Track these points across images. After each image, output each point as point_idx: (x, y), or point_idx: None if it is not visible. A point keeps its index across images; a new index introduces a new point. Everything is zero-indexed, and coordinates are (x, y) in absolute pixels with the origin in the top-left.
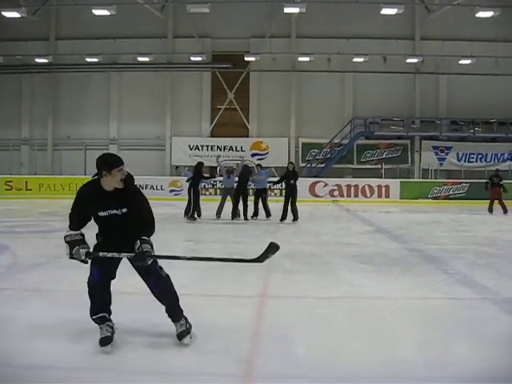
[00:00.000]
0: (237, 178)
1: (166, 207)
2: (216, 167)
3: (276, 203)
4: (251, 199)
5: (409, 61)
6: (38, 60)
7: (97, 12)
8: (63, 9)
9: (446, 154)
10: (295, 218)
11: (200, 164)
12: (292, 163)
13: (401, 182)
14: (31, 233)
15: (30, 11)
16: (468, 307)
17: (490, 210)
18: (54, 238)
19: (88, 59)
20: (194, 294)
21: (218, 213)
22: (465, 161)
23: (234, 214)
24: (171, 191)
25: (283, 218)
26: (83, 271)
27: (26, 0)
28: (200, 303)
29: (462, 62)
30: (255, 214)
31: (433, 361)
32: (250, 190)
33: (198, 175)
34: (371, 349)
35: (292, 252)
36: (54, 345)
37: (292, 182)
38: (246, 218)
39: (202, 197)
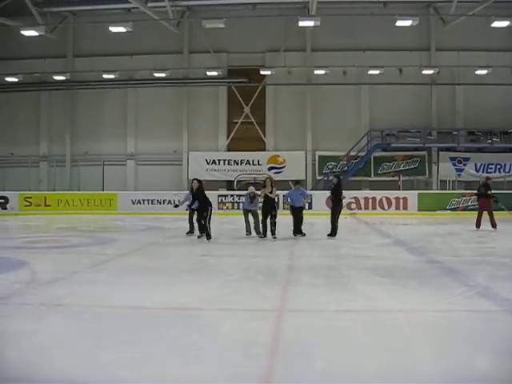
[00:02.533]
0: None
1: (183, 222)
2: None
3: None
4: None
5: (424, 72)
6: (56, 77)
7: (113, 29)
8: (80, 26)
9: (464, 164)
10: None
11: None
12: (337, 176)
13: (418, 193)
14: (49, 248)
15: (47, 29)
16: (488, 319)
17: (478, 224)
18: (71, 253)
19: (105, 76)
20: (212, 308)
21: (248, 230)
22: (483, 171)
23: (259, 230)
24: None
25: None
26: (100, 286)
27: (43, 18)
28: (218, 317)
29: (479, 72)
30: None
31: (451, 374)
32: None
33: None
34: (389, 362)
35: (310, 266)
36: (71, 359)
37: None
38: (300, 233)
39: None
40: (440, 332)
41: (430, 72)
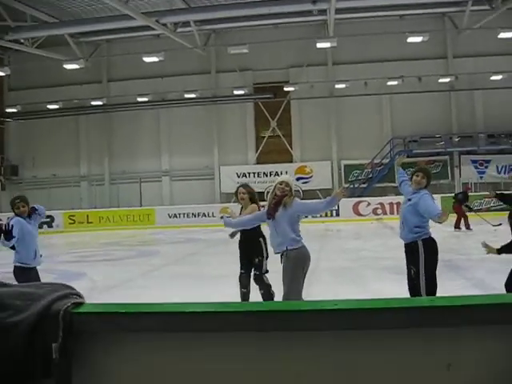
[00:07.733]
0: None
1: (218, 233)
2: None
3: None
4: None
5: (442, 80)
6: (93, 102)
7: (147, 59)
8: (113, 54)
9: (486, 167)
10: None
11: None
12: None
13: (442, 197)
14: (100, 261)
15: (84, 58)
16: None
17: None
18: (120, 265)
19: (139, 99)
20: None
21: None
22: (504, 173)
23: None
24: (221, 218)
25: None
26: (152, 291)
27: (79, 47)
28: None
29: (494, 77)
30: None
31: None
32: None
33: None
34: None
35: (331, 267)
36: None
37: None
38: None
39: None
40: None
41: (448, 80)
